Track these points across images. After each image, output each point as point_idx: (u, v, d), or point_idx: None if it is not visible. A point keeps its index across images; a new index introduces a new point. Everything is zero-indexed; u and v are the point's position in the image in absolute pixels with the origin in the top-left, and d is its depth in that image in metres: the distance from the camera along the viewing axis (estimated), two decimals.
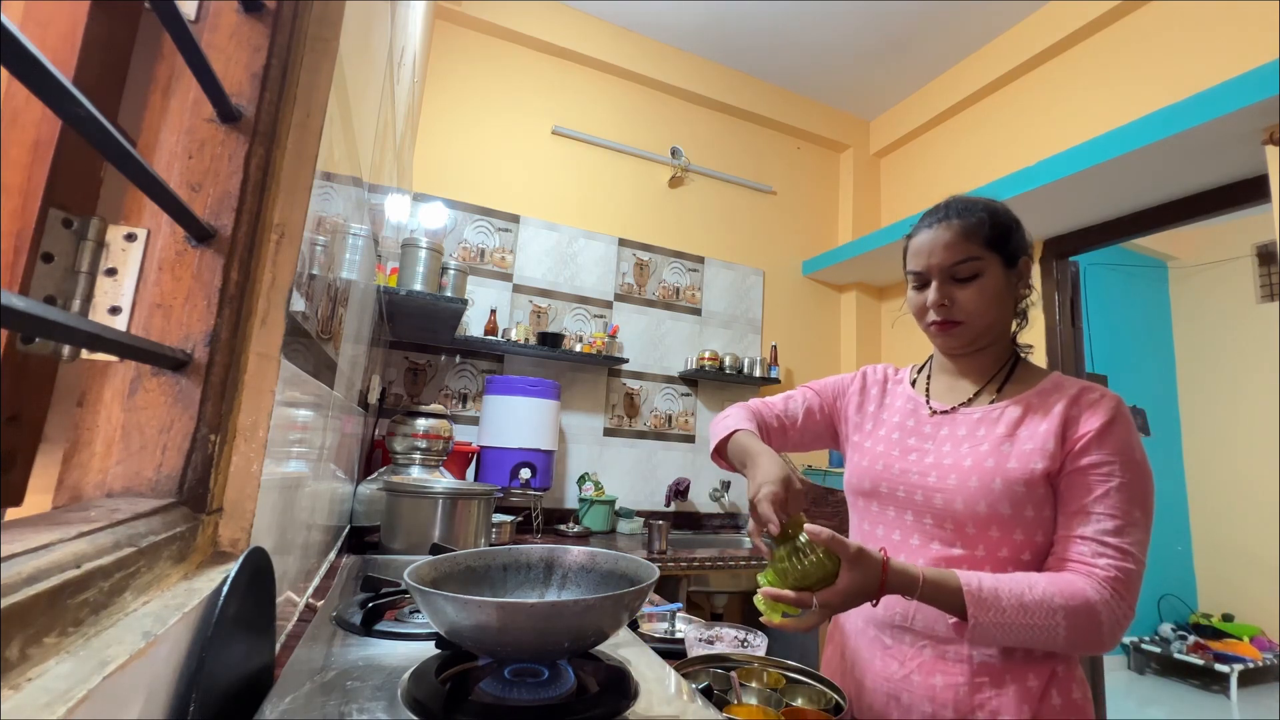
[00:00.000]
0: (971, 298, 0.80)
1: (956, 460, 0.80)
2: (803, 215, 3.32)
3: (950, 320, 0.82)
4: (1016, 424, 0.79)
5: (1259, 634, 3.59)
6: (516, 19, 2.64)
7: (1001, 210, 0.84)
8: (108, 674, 0.28)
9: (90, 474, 0.45)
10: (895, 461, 0.85)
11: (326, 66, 0.60)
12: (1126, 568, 0.69)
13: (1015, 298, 0.85)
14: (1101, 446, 0.73)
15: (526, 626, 0.46)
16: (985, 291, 0.80)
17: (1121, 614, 0.68)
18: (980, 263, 0.80)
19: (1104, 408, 0.76)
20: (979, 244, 0.80)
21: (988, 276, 0.80)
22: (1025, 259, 0.84)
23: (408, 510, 1.28)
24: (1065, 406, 0.77)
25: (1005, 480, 0.75)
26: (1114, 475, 0.72)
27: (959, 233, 0.80)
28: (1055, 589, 0.68)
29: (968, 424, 0.83)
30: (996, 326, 0.84)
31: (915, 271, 0.84)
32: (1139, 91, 2.21)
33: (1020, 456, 0.76)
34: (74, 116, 0.30)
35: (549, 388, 2.28)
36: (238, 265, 0.50)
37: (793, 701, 0.73)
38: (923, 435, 0.86)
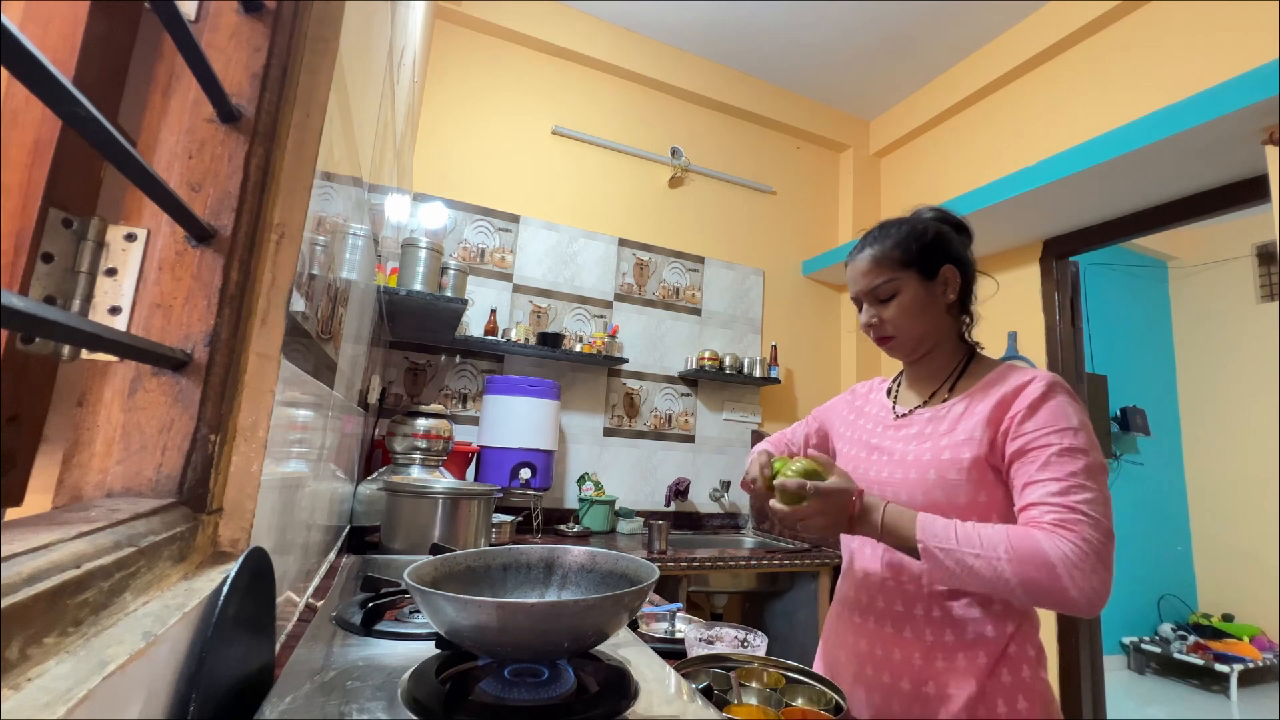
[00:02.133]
0: (894, 315, 0.89)
1: (904, 458, 0.86)
2: (803, 215, 3.32)
3: (884, 335, 0.91)
4: (960, 418, 0.84)
5: (1259, 634, 3.59)
6: (516, 19, 2.64)
7: (920, 227, 0.91)
8: (108, 674, 0.28)
9: (90, 474, 0.45)
10: (862, 465, 0.93)
11: (326, 66, 0.60)
12: (1075, 518, 0.69)
13: (945, 302, 0.90)
14: (1034, 421, 0.77)
15: (526, 626, 0.46)
16: (904, 307, 0.88)
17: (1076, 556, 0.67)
18: (895, 282, 0.88)
19: (1035, 386, 0.80)
20: (891, 266, 0.89)
21: (905, 293, 0.88)
22: (948, 266, 0.89)
23: (408, 510, 1.27)
24: (1000, 393, 0.82)
25: (938, 471, 0.81)
26: (1049, 444, 0.75)
27: (871, 260, 0.90)
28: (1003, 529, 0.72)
29: (920, 423, 0.89)
30: (931, 333, 0.91)
31: (853, 298, 0.95)
32: (1139, 91, 2.21)
33: (953, 447, 0.82)
34: (74, 116, 0.30)
35: (549, 388, 2.28)
36: (238, 265, 0.50)
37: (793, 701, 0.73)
38: (887, 439, 0.92)
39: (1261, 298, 3.98)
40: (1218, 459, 4.06)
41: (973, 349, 0.94)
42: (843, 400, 1.10)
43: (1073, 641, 2.28)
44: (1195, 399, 4.24)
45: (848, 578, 0.95)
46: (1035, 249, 2.59)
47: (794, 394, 3.11)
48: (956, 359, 0.92)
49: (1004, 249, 2.70)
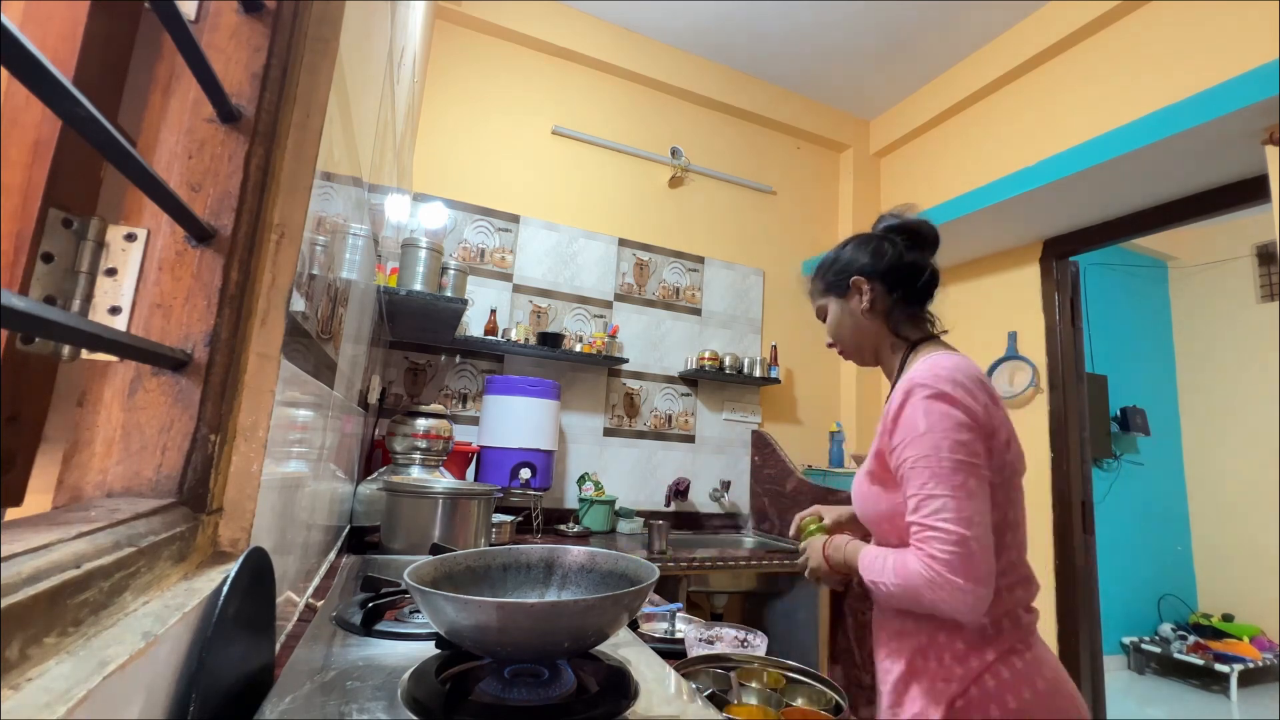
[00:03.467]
0: (830, 330, 1.06)
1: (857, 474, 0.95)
2: (803, 215, 3.32)
3: (832, 345, 1.07)
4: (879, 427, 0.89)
5: (1259, 634, 3.59)
6: (516, 19, 2.64)
7: (832, 256, 1.05)
8: (108, 674, 0.28)
9: (90, 474, 0.45)
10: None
11: (326, 66, 0.60)
12: (926, 535, 0.74)
13: (861, 309, 0.98)
14: (895, 437, 0.82)
15: (526, 626, 0.46)
16: (832, 323, 1.05)
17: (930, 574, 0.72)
18: (823, 305, 1.06)
19: (895, 397, 0.84)
20: (818, 294, 1.07)
21: (830, 312, 1.04)
22: (855, 278, 0.99)
23: (408, 510, 1.27)
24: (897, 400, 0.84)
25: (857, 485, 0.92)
26: (905, 458, 0.79)
27: (809, 293, 1.10)
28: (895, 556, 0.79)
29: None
30: (865, 341, 1.01)
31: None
32: (1139, 91, 2.21)
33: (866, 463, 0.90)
34: (74, 116, 0.30)
35: (549, 388, 2.28)
36: (238, 265, 0.50)
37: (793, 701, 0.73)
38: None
39: (1261, 298, 3.98)
40: (1218, 459, 4.06)
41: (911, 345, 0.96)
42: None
43: (1073, 641, 2.28)
44: (1195, 399, 4.23)
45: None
46: (1035, 249, 2.59)
47: (794, 394, 3.11)
48: (897, 360, 0.97)
49: (1004, 249, 2.70)
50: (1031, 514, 2.62)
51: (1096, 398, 3.69)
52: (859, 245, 1.02)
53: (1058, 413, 2.43)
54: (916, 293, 0.97)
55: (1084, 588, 2.31)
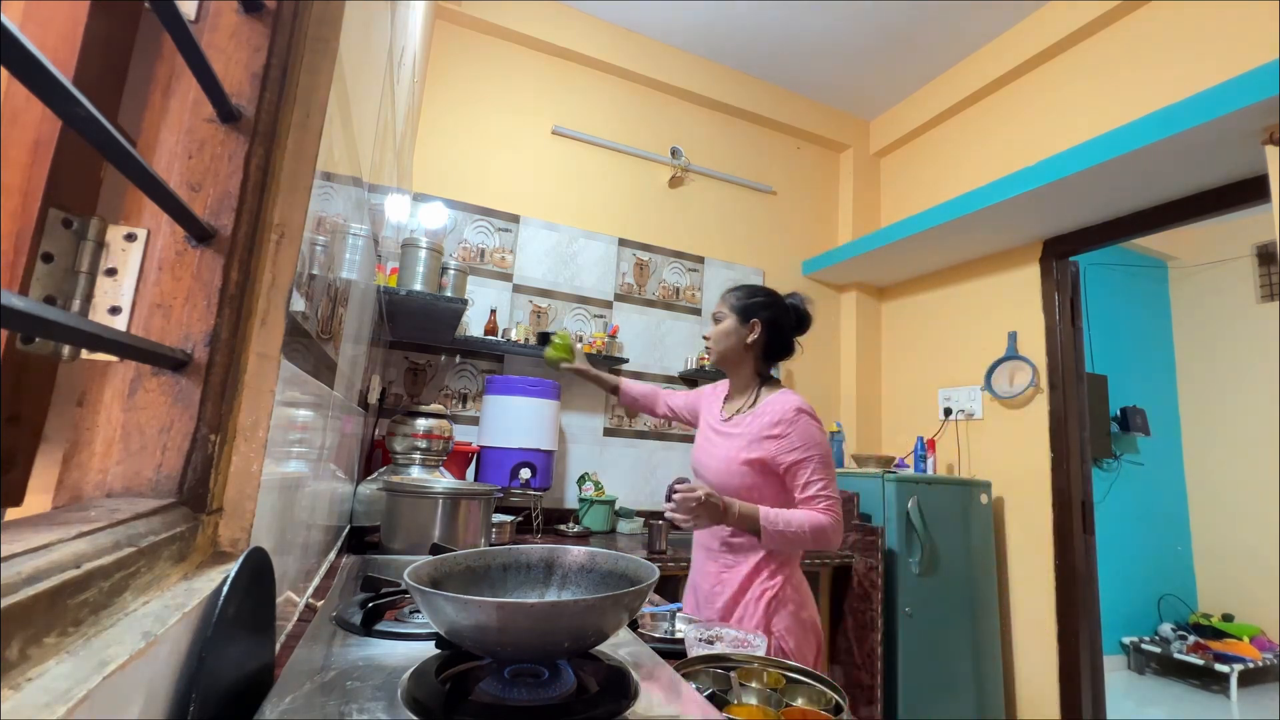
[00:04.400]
0: (714, 333, 1.37)
1: (725, 449, 1.30)
2: (803, 215, 3.32)
3: (706, 340, 1.40)
4: (746, 430, 1.29)
5: (1259, 634, 3.59)
6: (516, 19, 2.64)
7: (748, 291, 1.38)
8: (108, 674, 0.28)
9: (90, 474, 0.45)
10: (697, 453, 1.40)
11: (326, 66, 0.60)
12: (830, 503, 1.22)
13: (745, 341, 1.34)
14: (789, 441, 1.24)
15: (526, 626, 0.46)
16: (719, 331, 1.36)
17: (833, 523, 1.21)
18: (723, 314, 1.36)
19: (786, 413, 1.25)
20: (728, 305, 1.36)
21: (725, 322, 1.35)
22: (756, 320, 1.34)
23: (408, 510, 1.27)
24: (769, 417, 1.26)
25: (729, 465, 1.28)
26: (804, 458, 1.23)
27: (722, 298, 1.39)
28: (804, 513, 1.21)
29: (731, 426, 1.34)
30: (730, 357, 1.36)
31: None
32: (1139, 91, 2.21)
33: (746, 449, 1.27)
34: (74, 116, 0.30)
35: (549, 388, 2.27)
36: (238, 265, 0.50)
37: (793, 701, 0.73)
38: (720, 431, 1.36)
39: (1261, 298, 3.98)
40: (1218, 459, 4.06)
41: (765, 380, 1.37)
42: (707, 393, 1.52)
43: (1073, 642, 2.28)
44: (1195, 399, 4.24)
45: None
46: (1035, 249, 2.59)
47: None
48: (753, 386, 1.37)
49: (1004, 249, 2.70)
50: (1031, 514, 2.60)
51: (1096, 398, 3.69)
52: (771, 301, 1.37)
53: (1058, 413, 2.43)
54: (780, 353, 1.39)
55: (1084, 588, 2.31)
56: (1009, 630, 2.51)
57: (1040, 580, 2.41)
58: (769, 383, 1.37)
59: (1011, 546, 2.55)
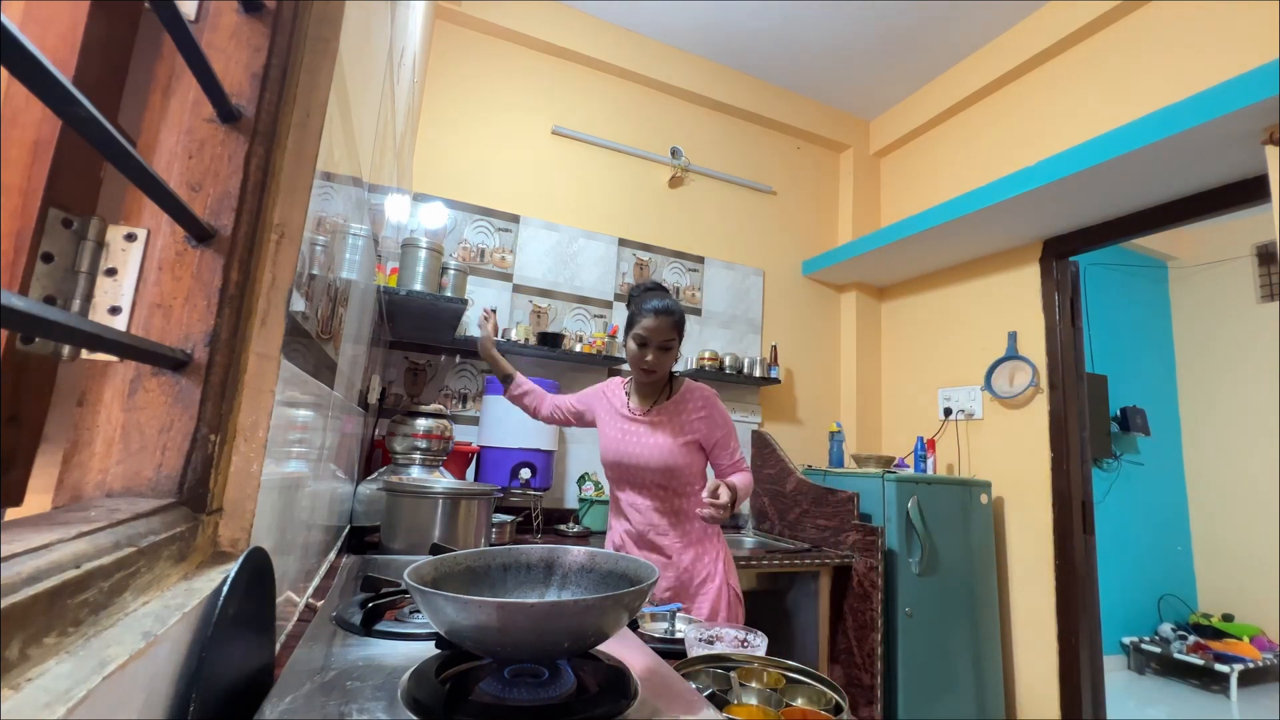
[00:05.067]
0: (666, 360, 1.46)
1: (653, 443, 1.46)
2: (803, 215, 3.32)
3: (653, 370, 1.46)
4: (677, 415, 1.48)
5: (1259, 634, 3.59)
6: (516, 19, 2.64)
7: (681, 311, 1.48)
8: (108, 674, 0.28)
9: (90, 474, 0.45)
10: (623, 445, 1.50)
11: (326, 66, 0.60)
12: (746, 466, 1.53)
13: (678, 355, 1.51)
14: (713, 421, 1.48)
15: (526, 626, 0.46)
16: (671, 356, 1.47)
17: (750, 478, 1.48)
18: (673, 341, 1.45)
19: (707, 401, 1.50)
20: (676, 331, 1.45)
21: (674, 348, 1.47)
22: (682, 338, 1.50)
23: (408, 510, 1.28)
24: (693, 405, 1.48)
25: (675, 448, 1.45)
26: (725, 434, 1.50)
27: (670, 324, 1.44)
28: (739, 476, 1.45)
29: (653, 420, 1.49)
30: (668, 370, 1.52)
31: (640, 336, 1.43)
32: (1139, 91, 2.21)
33: (681, 434, 1.46)
34: (74, 116, 0.30)
35: (549, 388, 2.27)
36: (238, 265, 0.50)
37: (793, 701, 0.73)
38: (634, 424, 1.51)
39: (1261, 298, 3.98)
40: (1218, 459, 4.06)
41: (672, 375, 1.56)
42: (599, 393, 1.65)
43: (1073, 641, 2.28)
44: (1195, 399, 4.23)
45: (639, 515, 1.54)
46: (1035, 249, 2.59)
47: (794, 394, 3.11)
48: (665, 382, 1.54)
49: (1004, 249, 2.70)
50: (1031, 514, 2.60)
51: (1096, 398, 3.69)
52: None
53: (1058, 413, 2.43)
54: None
55: (1084, 588, 2.31)
56: (1009, 630, 2.51)
57: (1040, 580, 2.41)
58: (676, 377, 1.58)
59: (1011, 546, 2.55)
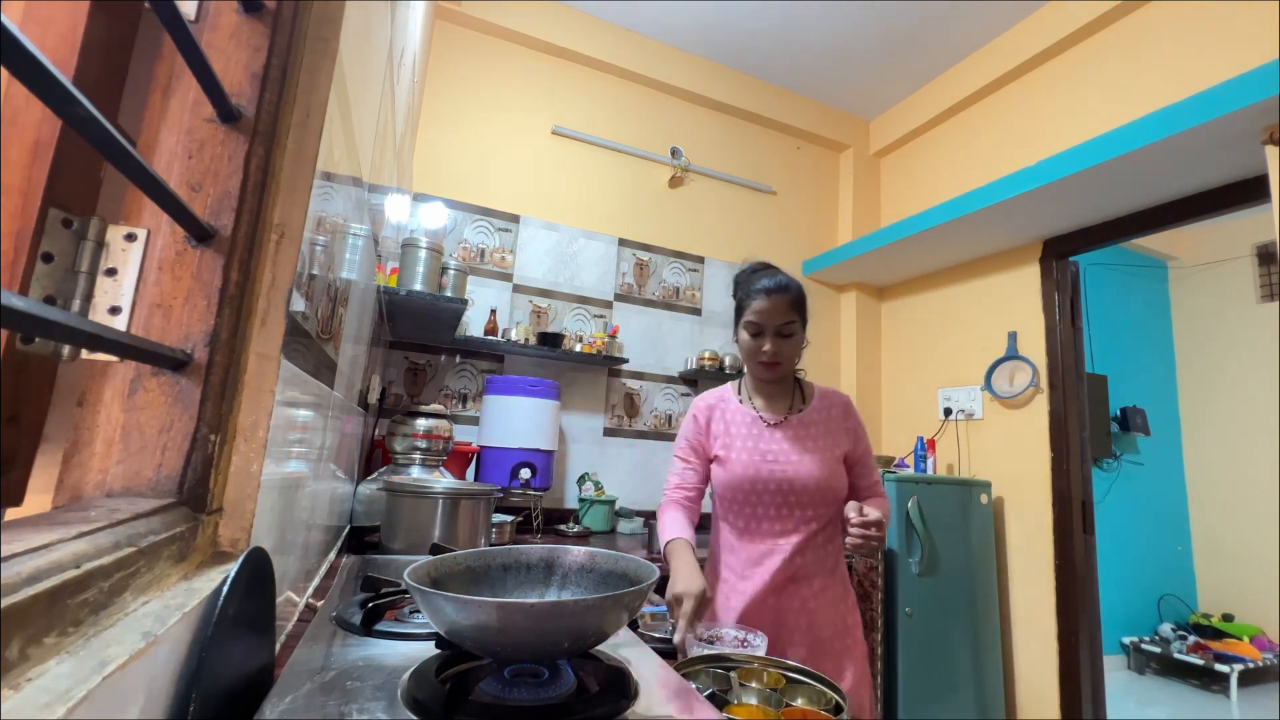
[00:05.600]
0: (789, 349, 1.19)
1: (800, 458, 1.17)
2: (803, 215, 3.32)
3: (774, 362, 1.18)
4: (823, 426, 1.21)
5: (1259, 634, 3.59)
6: (516, 19, 2.64)
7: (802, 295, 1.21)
8: (108, 674, 0.28)
9: (90, 474, 0.45)
10: (761, 465, 1.18)
11: (326, 66, 0.60)
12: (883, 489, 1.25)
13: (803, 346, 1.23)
14: (858, 432, 1.24)
15: (526, 626, 0.46)
16: (796, 345, 1.20)
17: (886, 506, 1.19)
18: (795, 325, 1.18)
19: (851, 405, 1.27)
20: (795, 311, 1.18)
21: (797, 334, 1.19)
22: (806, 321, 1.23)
23: (408, 510, 1.27)
24: (840, 410, 1.24)
25: (830, 467, 1.16)
26: (868, 449, 1.25)
27: (788, 303, 1.17)
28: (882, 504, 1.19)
29: (794, 429, 1.21)
30: (794, 364, 1.23)
31: (754, 323, 1.18)
32: (1139, 91, 2.21)
33: (832, 447, 1.19)
34: (74, 116, 0.30)
35: (549, 388, 2.27)
36: (238, 265, 0.50)
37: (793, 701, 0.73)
38: (770, 440, 1.20)
39: (1261, 298, 3.98)
40: (1218, 459, 4.06)
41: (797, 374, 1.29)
42: (697, 424, 1.29)
43: (1073, 641, 2.28)
44: (1195, 399, 4.23)
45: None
46: (1035, 249, 2.59)
47: None
48: (792, 381, 1.27)
49: (1004, 249, 2.70)
50: (1031, 514, 2.60)
51: (1096, 398, 3.69)
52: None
53: (1058, 413, 2.43)
54: None
55: (1084, 587, 2.31)
56: (1009, 630, 2.51)
57: (1040, 580, 2.41)
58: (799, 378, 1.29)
59: (1011, 546, 2.55)
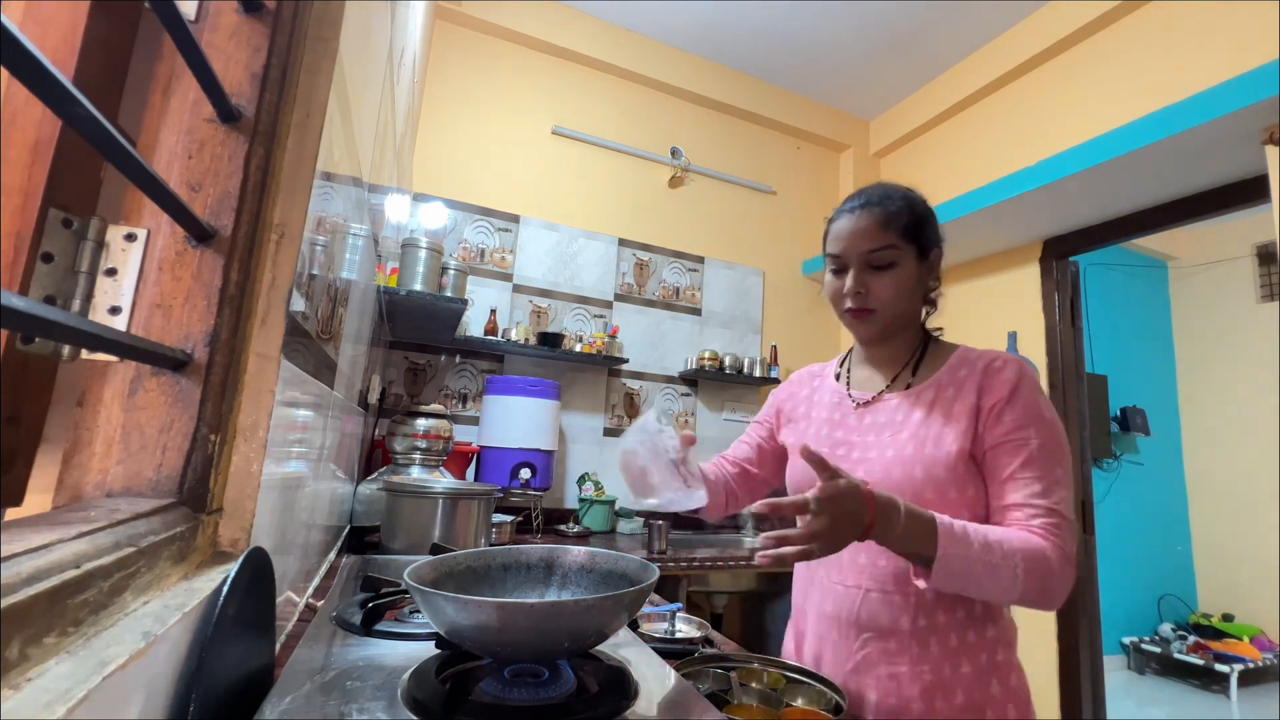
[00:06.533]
0: (886, 287, 0.81)
1: (880, 452, 0.80)
2: (803, 215, 3.32)
3: (864, 308, 0.83)
4: (931, 405, 0.80)
5: (1259, 634, 3.59)
6: (516, 19, 2.64)
7: (919, 200, 0.85)
8: (108, 674, 0.28)
9: (90, 474, 0.45)
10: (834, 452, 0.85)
11: (326, 66, 0.60)
12: (1059, 524, 0.70)
13: (925, 288, 0.87)
14: (1013, 412, 0.75)
15: (526, 626, 0.46)
16: (899, 282, 0.81)
17: (1066, 562, 0.69)
18: (896, 251, 0.80)
19: (1009, 372, 0.77)
20: (896, 233, 0.80)
21: (902, 267, 0.81)
22: (936, 251, 0.85)
23: (408, 510, 1.27)
24: (975, 379, 0.79)
25: (925, 467, 0.76)
26: (1030, 438, 0.74)
27: (879, 220, 0.80)
28: (1012, 535, 0.69)
29: (886, 411, 0.83)
30: (906, 315, 0.85)
31: (834, 255, 0.85)
32: (1139, 91, 2.21)
33: (936, 440, 0.77)
34: (74, 116, 0.30)
35: (549, 388, 2.27)
36: (238, 265, 0.50)
37: (793, 701, 0.73)
38: (848, 428, 0.86)
39: (1261, 298, 3.98)
40: (1218, 459, 4.06)
41: (928, 335, 0.90)
42: (783, 392, 1.01)
43: (1073, 641, 2.28)
44: (1195, 399, 4.23)
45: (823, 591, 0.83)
46: (1035, 249, 2.59)
47: None
48: (914, 344, 0.88)
49: (1004, 249, 2.70)
50: None
51: (1096, 398, 3.69)
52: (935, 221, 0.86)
53: (1058, 413, 2.42)
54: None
55: (1084, 588, 2.31)
56: None
57: None
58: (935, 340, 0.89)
59: None
